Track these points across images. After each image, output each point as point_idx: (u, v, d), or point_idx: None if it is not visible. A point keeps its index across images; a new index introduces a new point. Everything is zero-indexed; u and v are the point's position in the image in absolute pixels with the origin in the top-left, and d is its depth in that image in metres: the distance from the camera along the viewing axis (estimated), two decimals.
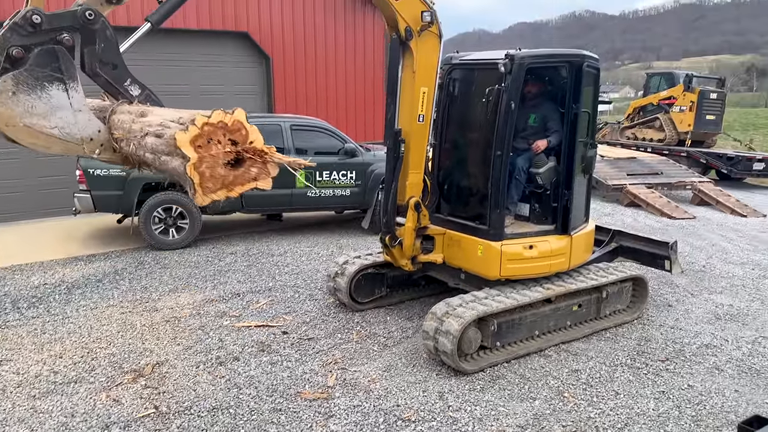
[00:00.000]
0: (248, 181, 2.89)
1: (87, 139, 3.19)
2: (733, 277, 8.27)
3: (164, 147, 2.79)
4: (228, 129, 2.76)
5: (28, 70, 2.99)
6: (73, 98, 3.09)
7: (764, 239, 10.81)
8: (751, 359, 5.60)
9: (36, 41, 3.06)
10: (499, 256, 5.51)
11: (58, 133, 3.09)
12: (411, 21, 5.20)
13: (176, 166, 2.74)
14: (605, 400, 4.74)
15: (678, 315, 6.65)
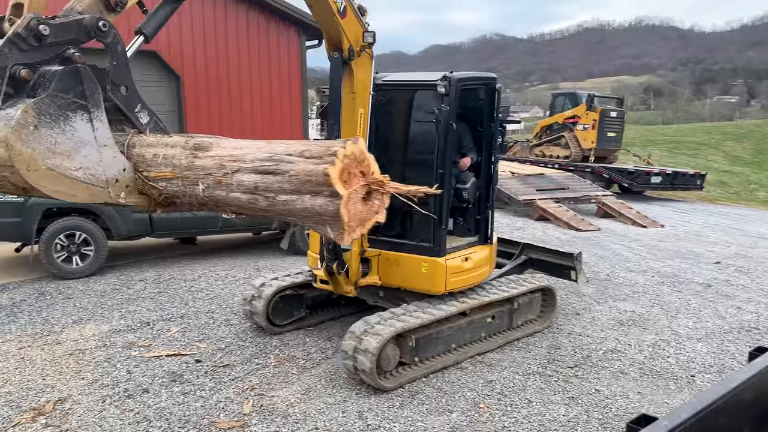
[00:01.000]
0: (373, 215, 2.52)
1: (112, 181, 2.56)
2: (635, 284, 8.79)
3: (289, 185, 2.34)
4: (357, 160, 2.41)
5: (51, 96, 2.35)
6: (97, 130, 2.49)
7: (663, 248, 11.58)
8: (651, 362, 5.94)
9: (40, 58, 2.48)
10: (444, 271, 5.64)
11: (82, 175, 2.44)
12: (353, 40, 5.17)
13: (318, 205, 2.31)
14: (519, 408, 4.89)
15: (585, 323, 6.98)
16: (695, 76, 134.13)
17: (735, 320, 7.33)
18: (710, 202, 20.51)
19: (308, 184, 2.30)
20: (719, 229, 14.17)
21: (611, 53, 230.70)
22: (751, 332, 6.93)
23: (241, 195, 2.45)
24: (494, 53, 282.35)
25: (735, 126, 48.98)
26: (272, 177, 2.37)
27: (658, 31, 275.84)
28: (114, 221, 8.62)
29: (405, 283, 5.84)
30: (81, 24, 2.60)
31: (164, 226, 8.94)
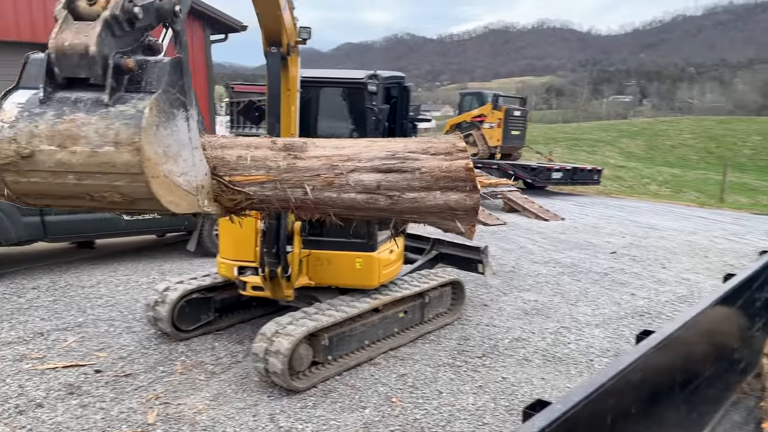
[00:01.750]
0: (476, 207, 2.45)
1: (200, 187, 2.24)
2: (538, 275, 9.20)
3: (419, 182, 2.26)
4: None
5: (165, 92, 2.03)
6: (191, 130, 2.17)
7: (564, 240, 12.19)
8: (554, 348, 6.23)
9: (127, 46, 2.12)
10: (378, 264, 5.75)
11: (183, 181, 2.12)
12: (291, 36, 4.95)
13: (453, 201, 2.27)
14: (430, 400, 4.98)
15: (492, 313, 7.22)
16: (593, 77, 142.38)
17: (629, 306, 7.83)
18: (607, 196, 21.83)
19: (444, 180, 2.27)
20: (615, 221, 15.10)
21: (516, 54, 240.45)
22: (644, 317, 7.43)
23: (357, 195, 2.33)
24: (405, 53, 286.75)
25: (629, 124, 52.46)
26: (398, 175, 2.30)
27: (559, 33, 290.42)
28: (2, 225, 7.97)
29: (338, 281, 5.84)
30: (158, 8, 2.25)
31: (59, 229, 8.37)
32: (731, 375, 3.74)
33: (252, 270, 5.68)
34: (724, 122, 48.33)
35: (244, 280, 5.71)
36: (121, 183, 1.96)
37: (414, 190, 2.31)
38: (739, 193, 24.78)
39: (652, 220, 15.40)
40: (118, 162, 1.90)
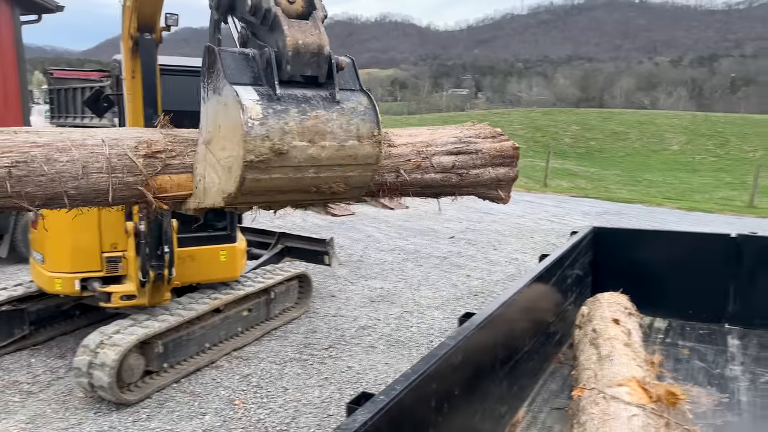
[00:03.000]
0: None
1: None
2: (384, 263, 9.44)
3: (481, 161, 2.67)
4: None
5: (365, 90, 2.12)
6: None
7: (408, 227, 12.64)
8: (397, 333, 6.43)
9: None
10: (240, 254, 5.74)
11: None
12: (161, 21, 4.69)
13: (502, 174, 2.73)
14: (275, 398, 4.89)
15: (340, 303, 7.28)
16: (433, 71, 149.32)
17: (465, 287, 8.31)
18: None
19: (498, 158, 2.72)
20: (453, 207, 15.91)
21: (361, 47, 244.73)
22: (478, 296, 7.93)
23: (436, 175, 2.63)
24: None
25: (467, 116, 55.78)
26: (465, 156, 2.68)
27: (401, 27, 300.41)
28: None
29: (201, 277, 5.63)
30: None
31: None
32: (548, 347, 4.10)
33: (99, 281, 5.20)
34: (547, 113, 53.21)
35: (109, 291, 5.19)
36: (353, 173, 2.11)
37: (477, 167, 2.73)
38: (561, 178, 27.42)
39: (487, 205, 16.48)
40: (360, 154, 2.05)
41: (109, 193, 2.12)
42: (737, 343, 4.39)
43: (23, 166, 1.95)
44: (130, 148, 2.18)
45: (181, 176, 2.23)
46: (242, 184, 1.97)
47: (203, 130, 2.17)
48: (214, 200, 2.11)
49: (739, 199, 20.04)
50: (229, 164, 1.99)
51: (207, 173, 2.14)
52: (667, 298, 4.83)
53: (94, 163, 2.08)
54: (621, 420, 2.42)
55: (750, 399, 3.54)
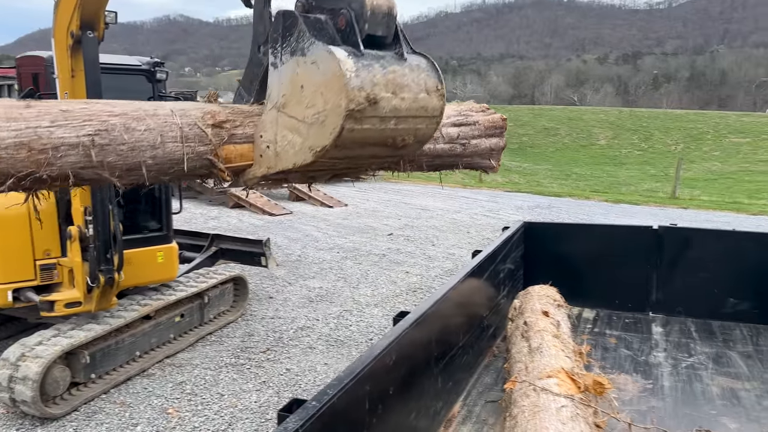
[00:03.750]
0: None
1: None
2: (323, 261, 9.38)
3: (479, 132, 2.90)
4: None
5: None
6: None
7: (346, 225, 12.61)
8: (336, 332, 6.40)
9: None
10: (176, 254, 5.69)
11: None
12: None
13: (494, 143, 2.97)
14: (210, 405, 4.77)
15: (278, 305, 7.18)
16: None
17: (404, 284, 8.37)
18: (385, 181, 23.11)
19: (491, 129, 2.97)
20: (392, 204, 16.05)
21: None
22: (417, 292, 8.00)
23: (444, 145, 2.81)
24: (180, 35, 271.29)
25: None
26: (466, 127, 2.89)
27: None
28: None
29: (139, 280, 5.47)
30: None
31: None
32: (483, 341, 4.18)
33: (32, 290, 4.93)
34: None
35: (52, 299, 4.91)
36: (422, 126, 2.25)
37: (475, 137, 2.96)
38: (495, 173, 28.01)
39: (424, 202, 16.68)
40: (429, 106, 2.19)
41: (184, 163, 2.18)
42: (660, 331, 4.61)
43: (105, 135, 1.97)
44: (198, 119, 2.25)
45: (243, 146, 2.33)
46: (340, 134, 2.08)
47: (274, 95, 2.28)
48: (294, 161, 2.21)
49: (662, 191, 21.08)
50: (321, 119, 2.10)
51: (280, 137, 2.25)
52: (595, 289, 5.01)
53: (169, 132, 2.13)
54: (550, 411, 2.49)
55: (672, 384, 3.72)
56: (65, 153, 1.90)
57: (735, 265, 4.79)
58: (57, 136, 1.89)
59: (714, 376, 3.82)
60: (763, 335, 4.53)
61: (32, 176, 1.88)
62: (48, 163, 1.88)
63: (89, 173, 1.98)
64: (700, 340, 4.40)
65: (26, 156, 1.84)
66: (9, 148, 1.81)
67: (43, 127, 1.89)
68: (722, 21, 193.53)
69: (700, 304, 4.82)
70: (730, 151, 36.73)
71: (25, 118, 1.88)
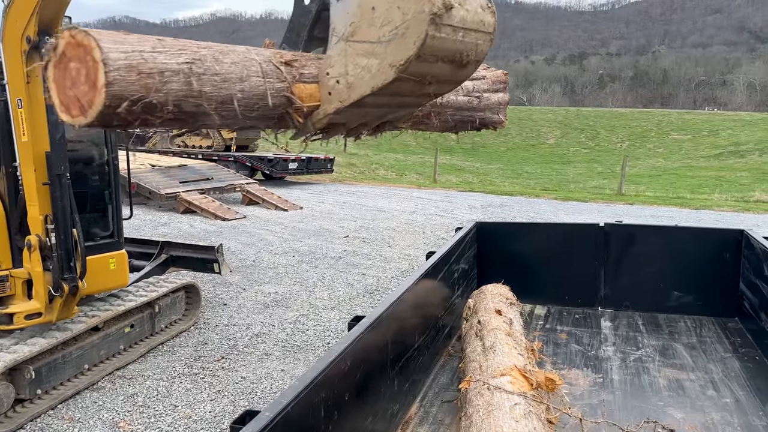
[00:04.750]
0: None
1: None
2: (278, 266, 9.29)
3: (488, 86, 3.14)
4: None
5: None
6: None
7: (302, 228, 12.52)
8: (293, 338, 6.35)
9: None
10: (127, 261, 5.62)
11: None
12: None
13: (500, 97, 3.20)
14: (163, 416, 4.66)
15: (232, 312, 7.07)
16: None
17: (361, 286, 8.37)
18: (341, 183, 23.08)
19: (497, 83, 3.21)
20: (347, 206, 16.02)
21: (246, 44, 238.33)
22: (374, 294, 8.01)
23: (463, 97, 2.99)
24: None
25: None
26: (478, 81, 3.09)
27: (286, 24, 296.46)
28: None
29: (91, 289, 5.24)
30: None
31: None
32: (438, 341, 4.21)
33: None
34: None
35: (11, 311, 4.75)
36: (480, 41, 2.29)
37: (486, 91, 3.19)
38: (449, 174, 28.38)
39: (380, 203, 16.72)
40: (485, 21, 2.24)
41: (268, 98, 2.21)
42: (609, 325, 4.75)
43: (199, 64, 1.98)
44: (271, 56, 2.29)
45: (311, 86, 2.37)
46: (424, 42, 2.12)
47: (339, 28, 2.32)
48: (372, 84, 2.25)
49: (609, 188, 21.73)
50: (401, 31, 2.16)
51: (352, 67, 2.29)
52: (546, 286, 5.13)
53: (251, 66, 2.16)
54: (504, 410, 2.53)
55: (621, 377, 3.83)
56: (169, 79, 1.90)
57: (678, 259, 4.97)
58: (160, 61, 1.89)
59: (661, 367, 3.96)
60: (705, 326, 4.72)
61: (143, 100, 1.86)
62: (156, 89, 1.87)
63: (190, 104, 1.98)
64: (647, 333, 4.55)
65: (136, 79, 1.82)
66: (120, 70, 1.77)
67: (147, 52, 1.87)
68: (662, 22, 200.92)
69: (646, 298, 4.98)
70: (672, 148, 38.18)
71: (130, 42, 1.85)
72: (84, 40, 1.80)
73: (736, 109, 69.67)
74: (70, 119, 1.89)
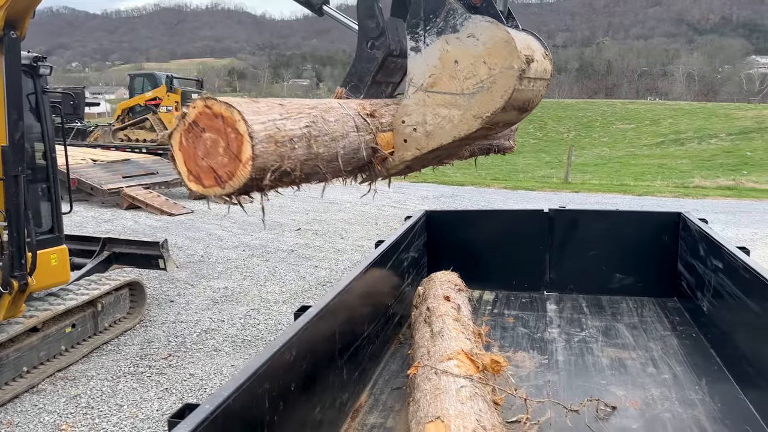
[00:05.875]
0: None
1: None
2: (228, 261, 9.13)
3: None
4: None
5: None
6: None
7: (252, 222, 12.32)
8: (243, 333, 6.25)
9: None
10: (67, 257, 5.49)
11: None
12: None
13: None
14: (108, 417, 4.52)
15: (179, 308, 6.91)
16: (272, 61, 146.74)
17: (313, 278, 8.31)
18: None
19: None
20: (299, 198, 15.84)
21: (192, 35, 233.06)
22: (326, 286, 7.97)
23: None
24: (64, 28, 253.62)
25: None
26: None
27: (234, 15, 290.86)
28: None
29: (34, 286, 5.05)
30: None
31: None
32: (389, 329, 4.21)
33: None
34: None
35: None
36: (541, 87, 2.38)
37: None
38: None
39: (332, 195, 16.60)
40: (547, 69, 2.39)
41: (362, 151, 2.24)
42: (554, 308, 4.85)
43: (315, 127, 1.99)
44: (359, 109, 2.31)
45: (387, 134, 2.43)
46: (511, 95, 2.18)
47: (417, 78, 2.36)
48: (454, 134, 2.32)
49: (556, 176, 22.22)
50: (487, 85, 2.21)
51: (431, 116, 2.35)
52: (494, 272, 5.19)
53: (348, 122, 2.17)
54: (450, 393, 2.54)
55: (566, 358, 3.92)
56: (296, 145, 1.90)
57: (619, 242, 5.11)
58: (288, 128, 1.88)
59: (604, 347, 4.07)
60: (646, 307, 4.88)
61: (280, 169, 1.83)
62: (287, 156, 1.85)
63: (309, 166, 1.99)
64: (590, 315, 4.67)
65: (274, 149, 1.79)
66: (263, 142, 1.74)
67: (278, 120, 1.86)
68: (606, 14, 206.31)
69: (590, 281, 5.11)
70: (617, 137, 39.34)
71: (263, 111, 1.82)
72: (224, 112, 1.74)
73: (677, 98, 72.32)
74: (201, 189, 1.83)
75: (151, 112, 19.37)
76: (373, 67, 2.74)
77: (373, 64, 2.76)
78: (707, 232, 4.26)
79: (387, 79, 2.91)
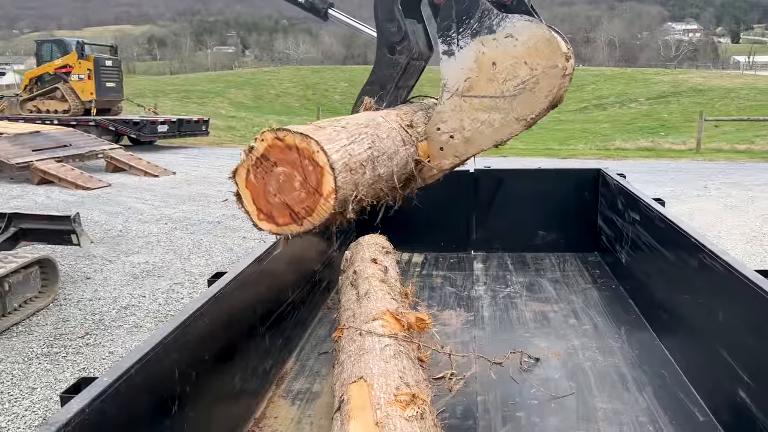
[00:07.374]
0: None
1: None
2: (149, 234, 8.74)
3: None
4: None
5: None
6: None
7: (175, 194, 11.86)
8: (166, 308, 6.00)
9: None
10: None
11: None
12: None
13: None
14: (20, 401, 4.24)
15: (96, 285, 6.56)
16: (194, 27, 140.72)
17: (242, 250, 8.08)
18: (219, 146, 22.13)
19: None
20: (225, 169, 15.30)
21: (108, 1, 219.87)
22: None
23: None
24: None
25: (235, 75, 53.92)
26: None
27: None
28: None
29: None
30: None
31: None
32: (316, 295, 4.12)
33: None
34: (317, 71, 53.84)
35: None
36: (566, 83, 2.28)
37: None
38: None
39: None
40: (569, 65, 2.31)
41: (410, 164, 2.19)
42: (481, 267, 4.90)
43: (374, 147, 1.93)
44: (399, 122, 2.24)
45: (423, 144, 2.38)
46: (557, 94, 2.12)
47: (451, 83, 2.27)
48: (495, 138, 2.26)
49: None
50: (529, 86, 2.11)
51: (469, 122, 2.27)
52: (423, 235, 5.18)
53: (396, 137, 2.12)
54: (375, 352, 2.49)
55: (491, 313, 3.97)
56: (364, 169, 1.80)
57: (542, 200, 5.20)
58: (357, 153, 1.78)
59: (528, 302, 4.14)
60: (569, 262, 5.00)
61: (356, 198, 1.73)
62: (359, 182, 1.75)
63: (374, 189, 1.92)
64: (515, 272, 4.75)
65: (350, 178, 1.69)
66: (343, 172, 1.64)
67: (348, 145, 1.76)
68: None
69: (514, 238, 5.19)
70: None
71: (335, 138, 1.70)
72: (299, 143, 1.61)
73: (599, 64, 74.69)
74: (275, 228, 1.74)
75: (61, 80, 18.13)
76: (396, 72, 2.64)
77: (395, 69, 2.65)
78: (625, 186, 4.37)
79: (405, 83, 2.79)
